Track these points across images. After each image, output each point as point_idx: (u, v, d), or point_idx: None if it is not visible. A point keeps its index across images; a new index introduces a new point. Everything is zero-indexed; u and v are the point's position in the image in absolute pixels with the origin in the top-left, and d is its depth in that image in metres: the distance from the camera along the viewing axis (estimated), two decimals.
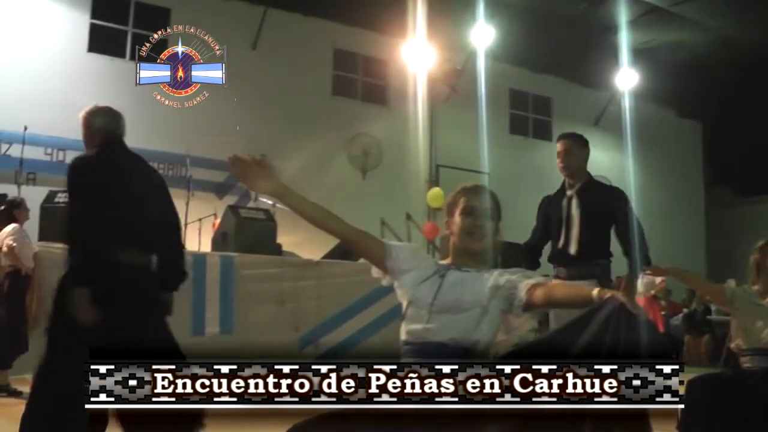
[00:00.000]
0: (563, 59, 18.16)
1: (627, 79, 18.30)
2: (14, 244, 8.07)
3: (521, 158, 18.81)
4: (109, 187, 4.19)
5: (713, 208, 22.78)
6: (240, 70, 15.51)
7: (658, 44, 17.77)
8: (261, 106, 15.61)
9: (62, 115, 11.98)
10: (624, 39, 16.65)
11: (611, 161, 20.19)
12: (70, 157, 13.32)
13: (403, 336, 2.88)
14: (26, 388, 7.89)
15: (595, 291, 2.52)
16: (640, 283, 9.32)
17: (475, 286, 2.83)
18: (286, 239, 11.34)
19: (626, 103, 17.96)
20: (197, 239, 11.91)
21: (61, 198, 10.64)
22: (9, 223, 8.39)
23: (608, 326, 2.36)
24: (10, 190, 10.89)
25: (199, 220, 12.14)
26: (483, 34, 15.94)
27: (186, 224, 11.86)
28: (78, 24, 14.60)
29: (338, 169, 16.27)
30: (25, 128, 11.64)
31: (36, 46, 13.82)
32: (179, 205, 12.49)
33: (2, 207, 9.30)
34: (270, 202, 11.33)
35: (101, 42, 14.63)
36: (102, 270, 4.00)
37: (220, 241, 10.80)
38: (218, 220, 11.60)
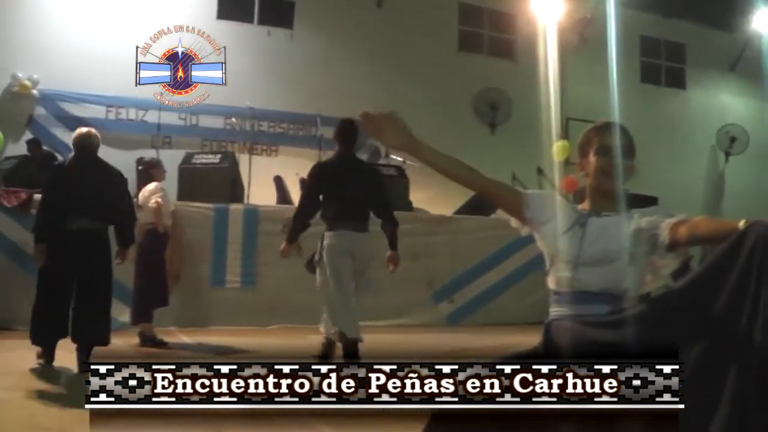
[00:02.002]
0: (697, 2, 17.52)
1: (766, 20, 17.47)
2: (162, 202, 8.29)
3: (653, 108, 18.24)
4: (68, 180, 6.90)
5: None
6: (366, 27, 15.60)
7: None
8: (387, 64, 15.66)
9: None
10: None
11: (748, 109, 19.47)
12: (202, 121, 13.80)
13: (551, 285, 2.88)
14: (171, 340, 8.30)
15: (742, 222, 2.41)
16: None
17: (618, 232, 2.79)
18: (416, 196, 11.42)
19: (765, 47, 17.18)
20: None
21: (198, 159, 10.98)
22: (148, 182, 8.63)
23: (754, 254, 2.27)
24: (149, 154, 11.26)
25: None
26: None
27: None
28: None
29: (466, 125, 16.21)
30: (161, 95, 11.98)
31: (169, 13, 14.20)
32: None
33: (141, 168, 9.66)
34: (401, 159, 11.41)
35: (230, 8, 14.96)
36: (63, 231, 6.68)
37: None
38: None
